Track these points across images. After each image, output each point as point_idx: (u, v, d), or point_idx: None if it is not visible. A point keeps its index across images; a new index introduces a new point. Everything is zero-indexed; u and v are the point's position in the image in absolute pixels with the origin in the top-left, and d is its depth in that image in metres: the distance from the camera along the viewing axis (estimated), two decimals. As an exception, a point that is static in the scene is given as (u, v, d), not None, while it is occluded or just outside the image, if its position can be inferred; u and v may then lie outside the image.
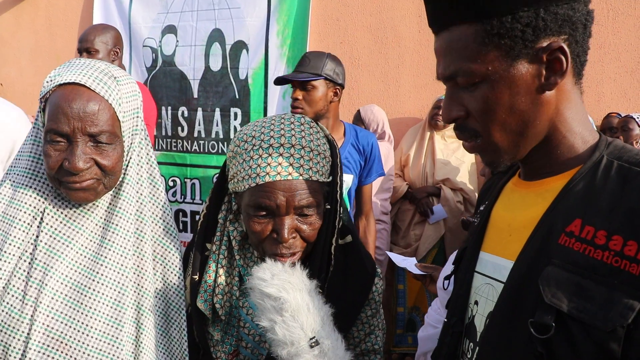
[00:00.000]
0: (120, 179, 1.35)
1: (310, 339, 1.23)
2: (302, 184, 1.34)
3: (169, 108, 4.98)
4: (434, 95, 4.30)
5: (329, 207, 1.42)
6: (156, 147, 4.99)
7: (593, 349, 0.91)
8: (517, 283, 1.03)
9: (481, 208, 1.27)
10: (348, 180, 3.14)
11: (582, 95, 1.09)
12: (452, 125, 1.14)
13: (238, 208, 1.45)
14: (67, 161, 1.23)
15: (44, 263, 1.26)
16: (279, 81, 3.19)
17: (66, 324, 1.27)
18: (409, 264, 2.34)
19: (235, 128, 4.80)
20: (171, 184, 4.91)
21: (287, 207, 1.33)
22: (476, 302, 1.17)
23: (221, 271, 1.44)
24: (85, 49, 3.53)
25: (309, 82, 3.01)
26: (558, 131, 1.06)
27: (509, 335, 1.02)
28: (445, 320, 1.24)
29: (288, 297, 1.24)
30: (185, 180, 4.88)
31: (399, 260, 2.46)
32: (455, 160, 4.12)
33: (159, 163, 3.47)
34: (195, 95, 4.93)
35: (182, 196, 4.89)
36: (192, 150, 4.87)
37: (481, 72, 1.02)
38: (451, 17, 1.04)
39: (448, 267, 1.73)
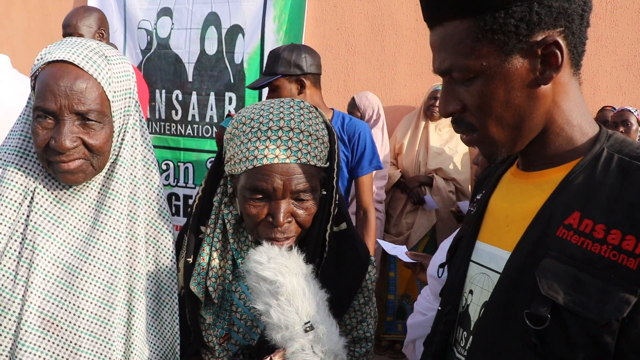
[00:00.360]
0: (113, 160, 1.34)
1: (305, 323, 1.23)
2: (300, 168, 1.33)
3: (163, 91, 4.95)
4: (430, 84, 4.30)
5: (325, 193, 1.42)
6: (150, 131, 4.97)
7: (587, 341, 0.91)
8: (513, 274, 1.03)
9: (478, 197, 1.26)
10: None
11: (580, 86, 1.09)
12: None
13: (234, 191, 1.45)
14: (54, 139, 1.22)
15: (34, 243, 1.26)
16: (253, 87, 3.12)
17: (57, 305, 1.26)
18: (399, 252, 2.35)
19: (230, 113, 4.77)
20: (164, 167, 4.89)
21: (283, 191, 1.33)
22: (471, 291, 1.17)
23: (215, 254, 1.43)
24: (69, 35, 3.45)
25: (271, 84, 2.94)
26: (556, 123, 1.05)
27: (504, 325, 1.03)
28: (440, 308, 1.25)
29: (284, 281, 1.24)
30: (179, 164, 4.87)
31: (390, 248, 2.46)
32: (449, 150, 4.13)
33: (152, 146, 3.46)
34: (190, 79, 4.90)
35: (175, 180, 4.87)
36: (186, 134, 4.85)
37: (476, 67, 1.01)
38: (445, 13, 1.04)
39: (438, 256, 1.73)
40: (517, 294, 1.01)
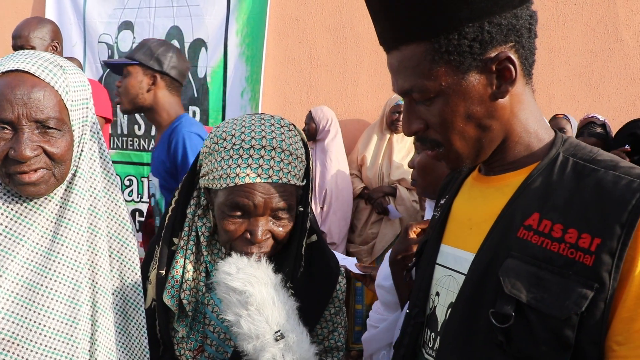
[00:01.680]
0: (73, 172, 1.31)
1: (276, 332, 1.24)
2: (280, 187, 1.34)
3: (126, 105, 4.90)
4: (391, 95, 4.37)
5: (302, 209, 1.43)
6: (112, 146, 4.90)
7: (549, 336, 0.96)
8: (478, 275, 1.07)
9: (442, 202, 1.30)
10: (155, 182, 2.90)
11: (534, 93, 1.14)
12: None
13: (207, 204, 1.45)
14: (13, 150, 1.18)
15: None
16: (111, 67, 2.93)
17: (17, 324, 1.23)
18: (348, 263, 2.34)
19: (193, 126, 4.75)
20: (127, 183, 4.83)
21: (264, 209, 1.34)
22: (437, 293, 1.20)
23: (189, 266, 1.43)
24: (20, 47, 3.25)
25: (124, 68, 2.81)
26: (515, 132, 1.10)
27: (470, 325, 1.06)
28: (407, 311, 1.28)
29: (253, 290, 1.25)
30: (142, 179, 4.81)
31: (340, 258, 2.47)
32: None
33: (114, 162, 3.40)
34: (153, 93, 4.86)
35: (139, 196, 4.81)
36: (149, 148, 4.81)
37: (435, 88, 1.05)
38: (400, 37, 1.07)
39: (385, 266, 1.76)
40: (482, 294, 1.05)
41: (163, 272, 1.44)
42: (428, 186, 1.90)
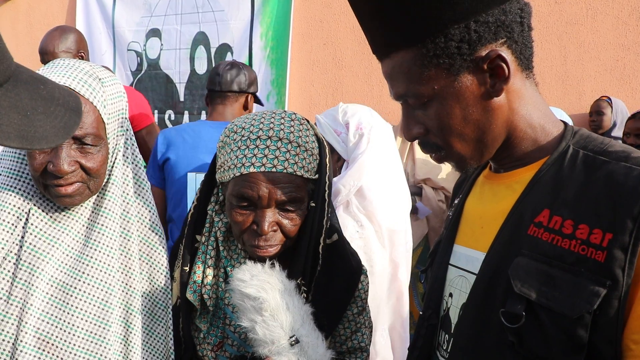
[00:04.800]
0: (106, 180, 1.35)
1: (290, 337, 1.25)
2: (286, 178, 1.34)
3: (156, 111, 4.99)
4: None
5: (313, 204, 1.42)
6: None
7: (562, 336, 0.93)
8: (488, 274, 1.05)
9: (455, 202, 1.29)
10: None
11: (539, 86, 1.11)
12: None
13: (224, 199, 1.46)
14: (52, 164, 1.22)
15: (30, 264, 1.26)
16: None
17: (53, 325, 1.26)
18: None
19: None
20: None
21: (268, 200, 1.34)
22: (450, 295, 1.18)
23: (210, 262, 1.45)
24: (47, 63, 3.15)
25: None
26: (518, 128, 1.07)
27: (482, 326, 1.04)
28: (421, 313, 1.26)
29: (267, 296, 1.25)
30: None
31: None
32: (436, 159, 4.15)
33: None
34: (182, 99, 4.94)
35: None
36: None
37: (428, 92, 1.04)
38: (389, 46, 1.06)
39: None
40: (493, 294, 1.03)
41: (187, 269, 1.45)
42: None
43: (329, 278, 1.46)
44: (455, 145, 1.08)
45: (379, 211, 2.66)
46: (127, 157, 1.40)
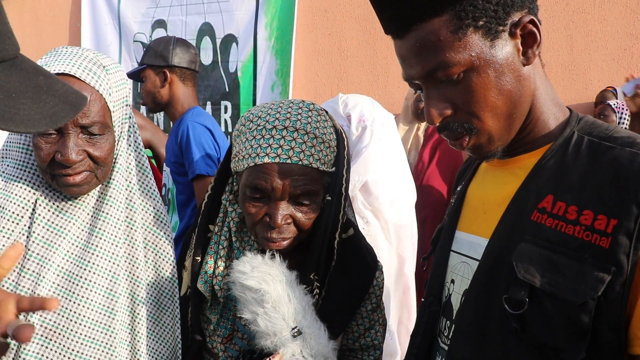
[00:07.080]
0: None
1: (293, 328, 1.24)
2: (301, 170, 1.30)
3: (160, 102, 4.99)
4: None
5: (329, 198, 1.38)
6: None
7: (565, 322, 0.92)
8: (491, 260, 1.04)
9: (458, 189, 1.28)
10: (167, 171, 3.04)
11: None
12: None
13: (238, 188, 1.43)
14: (60, 153, 1.21)
15: (39, 255, 1.26)
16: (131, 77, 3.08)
17: (59, 314, 1.26)
18: None
19: (225, 121, 4.80)
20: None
21: (282, 192, 1.30)
22: (452, 281, 1.18)
23: (222, 252, 1.42)
24: None
25: (141, 75, 3.00)
26: (536, 108, 1.05)
27: (484, 312, 1.04)
28: (423, 299, 1.26)
29: (268, 288, 1.24)
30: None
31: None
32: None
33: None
34: (187, 89, 4.93)
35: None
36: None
37: (464, 60, 0.98)
38: (415, 15, 0.99)
39: None
40: (496, 280, 1.02)
41: (199, 258, 1.43)
42: None
43: (343, 273, 1.44)
44: (487, 120, 1.02)
45: (385, 207, 2.62)
46: (130, 145, 1.39)
